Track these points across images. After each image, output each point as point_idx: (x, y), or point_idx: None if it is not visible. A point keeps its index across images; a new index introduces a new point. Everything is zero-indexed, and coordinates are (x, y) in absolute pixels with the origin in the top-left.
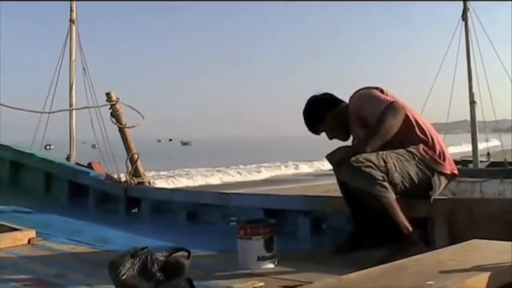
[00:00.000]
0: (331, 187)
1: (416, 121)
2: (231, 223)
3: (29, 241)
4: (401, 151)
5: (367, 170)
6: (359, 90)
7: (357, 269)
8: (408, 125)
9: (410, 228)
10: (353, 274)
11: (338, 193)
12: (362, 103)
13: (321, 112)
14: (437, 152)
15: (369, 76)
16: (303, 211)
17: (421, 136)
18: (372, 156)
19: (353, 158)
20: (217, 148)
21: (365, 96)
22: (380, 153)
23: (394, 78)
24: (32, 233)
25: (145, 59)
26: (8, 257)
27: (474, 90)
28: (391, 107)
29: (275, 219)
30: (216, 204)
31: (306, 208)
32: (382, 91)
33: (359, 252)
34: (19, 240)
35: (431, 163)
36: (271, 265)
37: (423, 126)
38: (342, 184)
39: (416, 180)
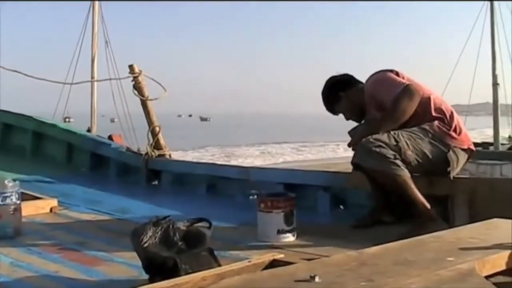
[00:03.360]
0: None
1: (432, 101)
2: (251, 197)
3: (51, 209)
4: (414, 129)
5: (378, 149)
6: (375, 73)
7: (377, 244)
8: (424, 106)
9: (428, 205)
10: (373, 248)
11: None
12: (378, 87)
13: (337, 93)
14: (453, 127)
15: (389, 58)
16: (323, 186)
17: (437, 115)
18: (383, 136)
19: (363, 140)
20: (236, 125)
21: (381, 79)
22: (392, 132)
23: (415, 59)
24: (54, 202)
25: (168, 32)
26: (31, 224)
27: (498, 72)
28: (407, 90)
29: (295, 194)
30: (236, 178)
31: (327, 183)
32: (397, 74)
33: (378, 227)
34: (41, 208)
35: (446, 138)
36: (291, 239)
37: (439, 105)
38: (355, 165)
39: (430, 156)
